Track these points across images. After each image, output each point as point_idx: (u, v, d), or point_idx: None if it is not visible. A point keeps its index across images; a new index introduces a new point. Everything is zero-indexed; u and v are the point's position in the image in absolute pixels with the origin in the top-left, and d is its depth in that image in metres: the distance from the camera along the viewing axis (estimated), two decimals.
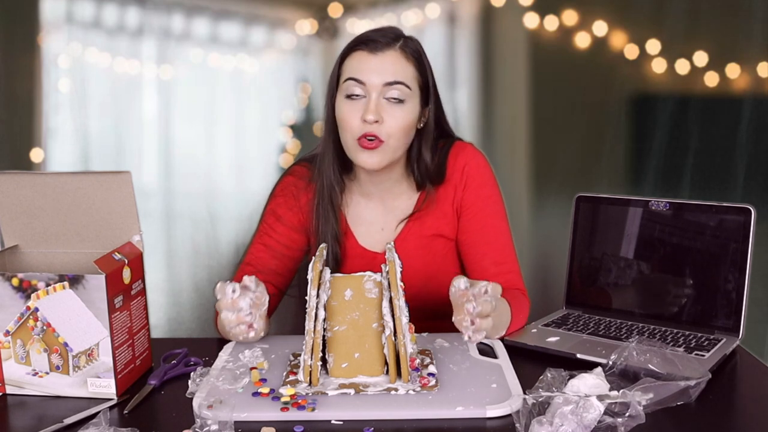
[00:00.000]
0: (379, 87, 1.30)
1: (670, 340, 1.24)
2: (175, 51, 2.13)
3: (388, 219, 1.45)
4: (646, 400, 0.98)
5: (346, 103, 1.32)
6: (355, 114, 1.31)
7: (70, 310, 1.08)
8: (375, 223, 1.45)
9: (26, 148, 2.12)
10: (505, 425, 0.98)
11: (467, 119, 2.05)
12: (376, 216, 1.45)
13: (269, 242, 1.43)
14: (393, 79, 1.30)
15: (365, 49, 1.32)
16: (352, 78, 1.31)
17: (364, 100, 1.31)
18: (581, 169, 2.23)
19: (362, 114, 1.30)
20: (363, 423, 0.98)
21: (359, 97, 1.31)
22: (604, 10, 1.98)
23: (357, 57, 1.32)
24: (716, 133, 2.05)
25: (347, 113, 1.32)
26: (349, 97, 1.32)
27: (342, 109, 1.33)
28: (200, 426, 0.94)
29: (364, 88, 1.31)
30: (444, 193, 1.43)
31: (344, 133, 1.34)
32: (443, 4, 2.03)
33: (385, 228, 1.45)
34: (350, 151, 1.34)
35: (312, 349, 1.06)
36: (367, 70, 1.31)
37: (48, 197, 1.18)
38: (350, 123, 1.31)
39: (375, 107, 1.29)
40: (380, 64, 1.31)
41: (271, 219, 1.45)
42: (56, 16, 2.10)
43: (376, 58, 1.31)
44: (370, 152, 1.31)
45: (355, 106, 1.31)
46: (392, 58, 1.31)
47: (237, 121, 2.21)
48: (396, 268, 1.07)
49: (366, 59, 1.31)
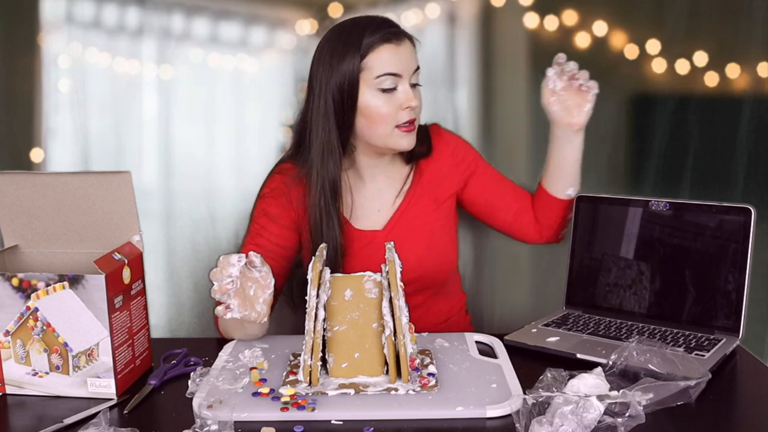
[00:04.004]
0: (411, 74, 1.37)
1: (670, 340, 1.24)
2: (175, 51, 2.12)
3: (384, 198, 1.49)
4: (646, 400, 0.98)
5: (381, 96, 1.36)
6: (394, 105, 1.36)
7: (70, 310, 1.08)
8: (371, 205, 1.49)
9: (26, 148, 2.11)
10: (505, 425, 0.98)
11: (467, 119, 2.04)
12: (372, 197, 1.49)
13: (262, 242, 1.43)
14: (416, 65, 1.39)
15: (392, 42, 1.35)
16: (389, 73, 1.35)
17: (399, 90, 1.36)
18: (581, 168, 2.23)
19: (402, 103, 1.36)
20: (363, 423, 0.98)
21: (394, 88, 1.36)
22: (604, 10, 1.98)
23: (386, 51, 1.35)
24: (716, 133, 2.05)
25: (386, 105, 1.36)
26: (385, 90, 1.36)
27: (377, 102, 1.36)
28: (200, 426, 0.94)
29: (398, 79, 1.36)
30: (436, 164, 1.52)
31: (379, 124, 1.37)
32: (443, 4, 2.03)
33: (381, 208, 1.49)
34: (386, 138, 1.39)
35: (312, 349, 1.06)
36: (400, 62, 1.36)
37: (48, 197, 1.18)
38: (390, 114, 1.36)
39: (413, 94, 1.38)
40: (406, 53, 1.37)
41: (264, 219, 1.45)
42: (56, 16, 2.10)
43: (402, 48, 1.36)
44: (410, 134, 1.40)
45: (393, 98, 1.36)
46: (408, 46, 1.38)
47: (237, 121, 2.20)
48: (396, 268, 1.07)
49: (396, 52, 1.35)
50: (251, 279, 1.14)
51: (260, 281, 1.14)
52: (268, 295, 1.15)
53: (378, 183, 1.49)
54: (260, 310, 1.15)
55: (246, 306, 1.12)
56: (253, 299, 1.14)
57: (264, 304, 1.15)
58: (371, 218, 1.48)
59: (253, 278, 1.14)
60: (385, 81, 1.35)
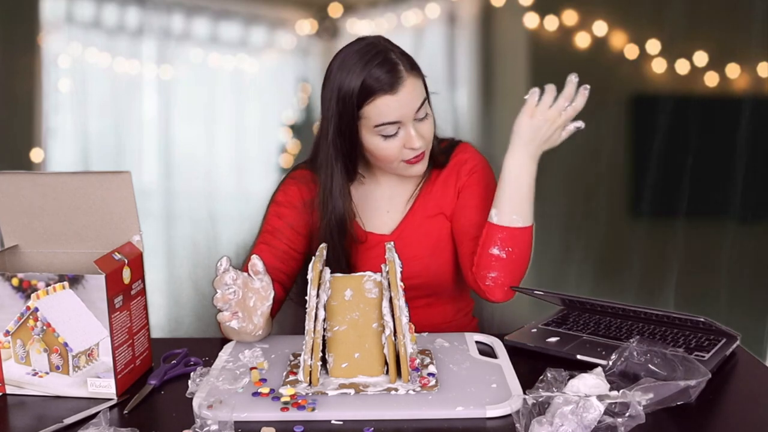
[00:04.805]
0: (413, 116, 1.33)
1: (670, 341, 1.24)
2: (175, 51, 2.13)
3: (394, 202, 1.49)
4: (646, 400, 0.98)
5: (384, 141, 1.34)
6: (397, 146, 1.34)
7: (70, 310, 1.08)
8: (381, 207, 1.49)
9: (26, 148, 2.12)
10: (505, 425, 0.98)
11: (467, 119, 2.04)
12: (382, 200, 1.49)
13: (274, 242, 1.43)
14: (420, 103, 1.33)
15: (386, 93, 1.30)
16: (388, 123, 1.32)
17: (401, 132, 1.33)
18: (581, 168, 2.23)
19: (405, 143, 1.33)
20: (363, 423, 0.98)
21: (396, 132, 1.33)
22: (604, 10, 1.98)
23: (382, 102, 1.30)
24: (716, 132, 2.05)
25: (388, 149, 1.34)
26: (387, 137, 1.33)
27: (380, 146, 1.34)
28: (200, 426, 0.94)
29: (399, 125, 1.33)
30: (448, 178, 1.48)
31: (386, 163, 1.37)
32: (443, 4, 2.03)
33: (391, 210, 1.49)
34: (395, 170, 1.39)
35: (312, 349, 1.06)
36: (398, 109, 1.31)
37: (48, 197, 1.17)
38: (394, 154, 1.35)
39: (416, 133, 1.33)
40: (405, 98, 1.31)
41: (278, 222, 1.45)
42: (56, 16, 2.10)
43: (401, 95, 1.30)
44: (419, 164, 1.38)
45: (395, 140, 1.34)
46: (410, 85, 1.31)
47: (237, 121, 2.21)
48: (396, 268, 1.07)
49: (392, 101, 1.30)
50: (252, 290, 1.15)
51: (261, 292, 1.15)
52: (266, 308, 1.17)
53: (392, 188, 1.49)
54: (257, 322, 1.17)
55: (244, 318, 1.14)
56: (252, 310, 1.16)
57: (261, 316, 1.17)
58: (381, 219, 1.48)
59: (255, 289, 1.15)
60: (385, 129, 1.32)
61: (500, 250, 1.34)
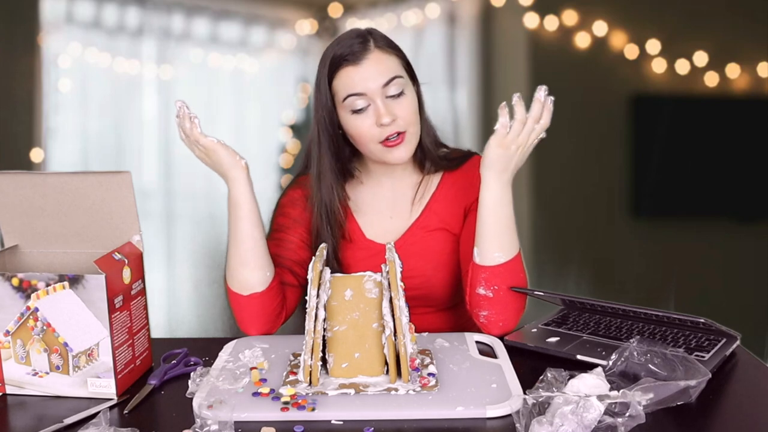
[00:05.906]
0: (379, 90, 1.33)
1: (670, 341, 1.24)
2: (175, 51, 2.13)
3: (397, 206, 1.48)
4: (646, 400, 0.97)
5: (355, 118, 1.35)
6: (368, 123, 1.34)
7: (70, 310, 1.08)
8: (384, 212, 1.48)
9: (26, 148, 2.12)
10: (505, 425, 0.98)
11: (467, 119, 2.04)
12: (385, 203, 1.48)
13: (280, 236, 1.44)
14: (388, 78, 1.33)
15: (349, 64, 1.33)
16: (352, 94, 1.33)
17: (371, 108, 1.34)
18: (581, 168, 2.23)
19: (375, 120, 1.33)
20: (363, 423, 0.98)
21: (365, 107, 1.34)
22: (604, 10, 1.99)
23: (345, 74, 1.34)
24: (716, 132, 2.06)
25: (361, 126, 1.35)
26: (356, 111, 1.34)
27: (353, 124, 1.35)
28: (200, 426, 0.94)
29: (366, 98, 1.33)
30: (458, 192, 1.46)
31: (364, 144, 1.37)
32: (443, 4, 2.03)
33: (394, 216, 1.48)
34: (377, 155, 1.37)
35: (312, 349, 1.06)
36: (361, 81, 1.33)
37: (48, 197, 1.18)
38: (368, 133, 1.35)
39: (385, 109, 1.33)
40: (369, 69, 1.33)
41: (283, 220, 1.46)
42: (56, 16, 2.10)
43: (363, 67, 1.33)
44: (398, 147, 1.35)
45: (366, 117, 1.34)
46: (375, 58, 1.34)
47: (237, 121, 2.21)
48: (396, 268, 1.07)
49: (354, 72, 1.33)
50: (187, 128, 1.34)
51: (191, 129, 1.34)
52: None
53: (395, 191, 1.48)
54: None
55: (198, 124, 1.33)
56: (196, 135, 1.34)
57: None
58: (383, 226, 1.47)
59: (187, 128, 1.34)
60: (354, 103, 1.34)
61: (486, 290, 1.31)
